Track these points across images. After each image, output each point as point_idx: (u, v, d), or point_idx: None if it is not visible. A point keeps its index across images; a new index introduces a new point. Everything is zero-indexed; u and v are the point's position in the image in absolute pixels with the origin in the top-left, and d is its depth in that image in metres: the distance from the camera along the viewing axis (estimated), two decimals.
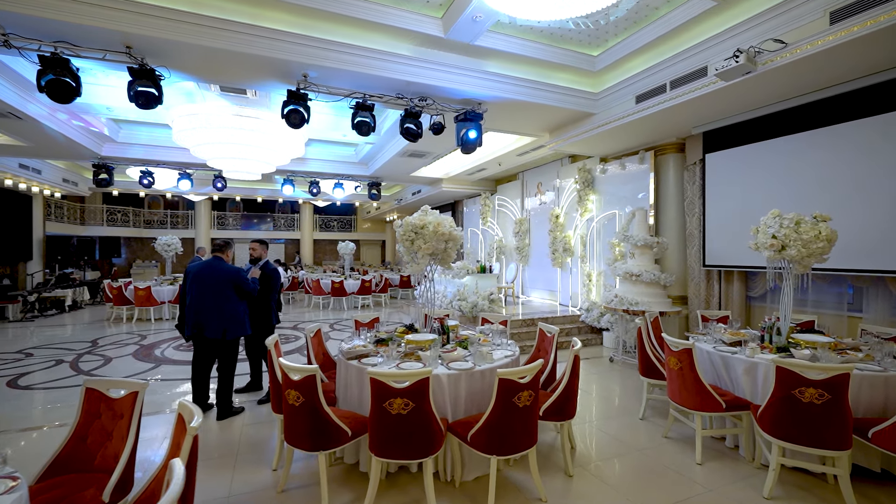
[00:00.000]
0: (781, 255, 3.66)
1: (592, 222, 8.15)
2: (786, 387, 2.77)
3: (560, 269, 9.30)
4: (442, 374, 2.97)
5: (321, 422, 2.68)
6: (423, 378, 2.54)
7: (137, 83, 4.42)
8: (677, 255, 6.75)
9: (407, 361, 3.20)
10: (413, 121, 5.62)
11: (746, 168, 5.58)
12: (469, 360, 3.22)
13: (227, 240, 4.45)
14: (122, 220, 18.88)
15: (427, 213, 3.69)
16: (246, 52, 4.51)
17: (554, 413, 3.16)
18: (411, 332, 3.86)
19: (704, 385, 3.29)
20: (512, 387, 2.60)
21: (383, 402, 2.54)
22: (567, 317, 8.00)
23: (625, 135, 6.59)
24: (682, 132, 6.35)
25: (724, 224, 5.85)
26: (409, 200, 15.25)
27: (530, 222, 10.67)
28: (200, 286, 4.14)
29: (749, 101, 5.09)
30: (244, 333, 4.33)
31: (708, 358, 3.74)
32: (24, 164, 10.30)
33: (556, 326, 4.05)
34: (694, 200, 6.40)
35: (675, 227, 6.79)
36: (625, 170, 7.47)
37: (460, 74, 5.45)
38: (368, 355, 3.33)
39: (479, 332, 4.19)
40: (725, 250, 5.79)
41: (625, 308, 5.91)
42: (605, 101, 6.13)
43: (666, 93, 5.19)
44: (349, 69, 4.94)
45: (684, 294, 6.68)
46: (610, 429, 4.00)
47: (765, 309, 5.64)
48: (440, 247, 3.60)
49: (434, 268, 3.86)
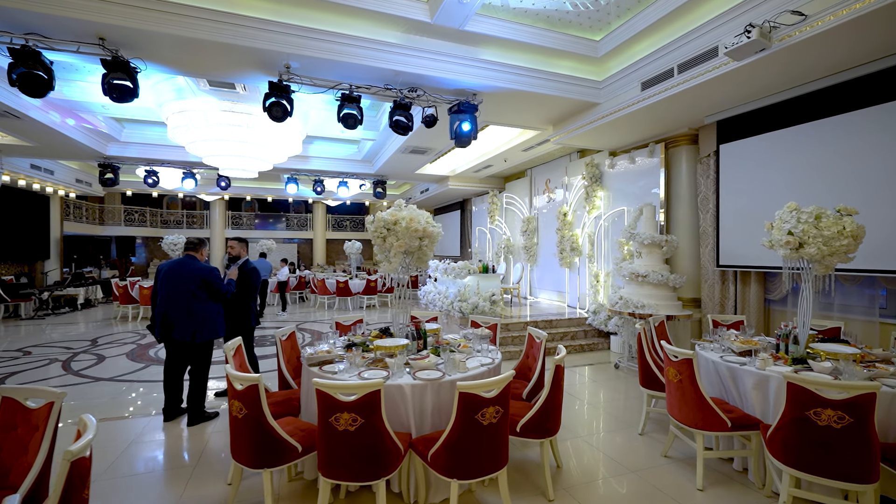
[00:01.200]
0: (799, 254, 3.23)
1: (600, 220, 7.73)
2: (799, 406, 2.37)
3: (568, 270, 8.89)
4: (405, 385, 2.68)
5: (265, 436, 2.43)
6: (373, 391, 2.26)
7: (111, 76, 4.29)
8: (690, 255, 6.28)
9: (372, 370, 2.93)
10: (403, 113, 5.35)
11: (764, 159, 5.10)
12: (441, 369, 2.93)
13: (200, 238, 4.27)
14: (139, 220, 19.27)
15: (401, 207, 3.41)
16: (224, 41, 4.32)
17: (533, 430, 2.83)
18: (386, 336, 3.58)
19: (707, 400, 2.91)
20: (475, 402, 2.29)
21: (329, 416, 2.27)
22: (573, 319, 7.60)
23: (632, 126, 6.17)
24: (694, 122, 5.89)
25: (739, 221, 5.37)
26: (417, 199, 15.01)
27: (538, 221, 10.27)
28: (170, 285, 3.96)
29: (766, 84, 4.62)
30: (216, 336, 4.13)
31: (714, 369, 3.34)
32: (36, 165, 10.49)
33: (545, 332, 3.71)
34: (708, 195, 5.92)
35: (687, 225, 6.32)
36: (634, 164, 7.03)
37: (452, 63, 5.15)
38: (333, 361, 3.07)
39: (462, 336, 3.88)
40: (741, 249, 5.31)
41: (630, 311, 5.49)
42: (609, 89, 5.73)
43: (673, 77, 4.77)
44: (333, 58, 4.70)
45: (697, 296, 6.21)
46: (604, 445, 3.64)
47: (785, 314, 5.14)
48: (414, 244, 3.31)
49: (408, 266, 3.57)
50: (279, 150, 7.73)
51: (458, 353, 3.30)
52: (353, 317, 4.63)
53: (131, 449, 3.52)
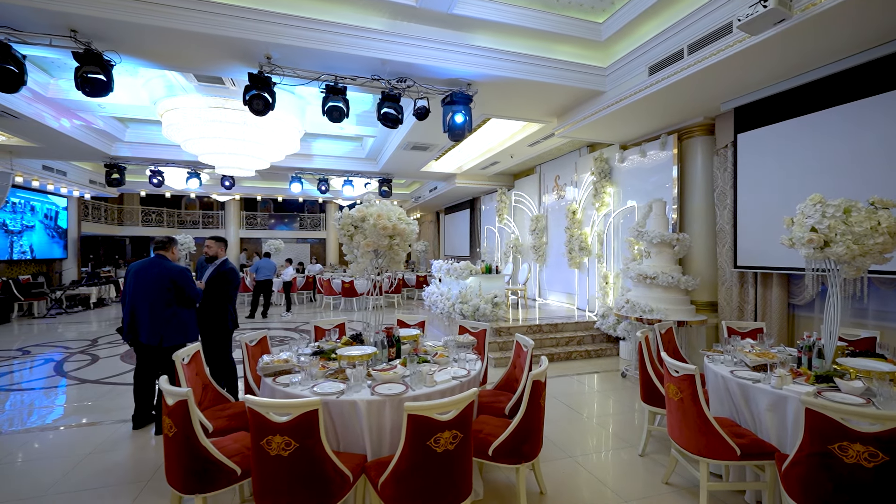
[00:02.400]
0: (824, 254, 2.78)
1: (610, 217, 7.27)
2: (820, 438, 1.96)
3: (577, 270, 8.46)
4: (360, 401, 2.38)
5: (197, 458, 2.16)
6: (308, 411, 1.97)
7: (84, 69, 4.13)
8: (705, 255, 5.78)
9: (330, 382, 2.64)
10: (392, 105, 5.06)
11: (787, 148, 4.59)
12: (407, 382, 2.62)
13: (170, 236, 4.07)
14: (156, 221, 19.63)
15: (371, 203, 3.11)
16: (198, 31, 4.11)
17: (507, 454, 2.49)
18: (356, 342, 3.30)
19: (711, 423, 2.51)
20: (427, 426, 1.97)
21: (261, 438, 1.99)
22: (580, 323, 7.16)
23: (642, 116, 5.72)
24: (709, 109, 5.40)
25: (758, 217, 4.87)
26: (426, 198, 14.75)
27: (548, 219, 9.84)
28: (138, 286, 3.78)
29: (787, 64, 4.14)
30: (187, 340, 3.93)
31: (723, 385, 2.93)
32: (48, 166, 10.67)
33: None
34: (725, 190, 5.43)
35: (703, 222, 5.82)
36: (645, 157, 6.55)
37: (442, 50, 4.83)
38: (290, 371, 2.80)
39: (443, 343, 3.56)
40: (761, 248, 4.81)
41: (637, 316, 5.06)
42: (615, 75, 5.30)
43: (683, 59, 4.33)
44: (314, 47, 4.44)
45: (714, 300, 5.71)
46: (599, 467, 3.26)
47: (812, 321, 4.62)
48: (383, 243, 3.01)
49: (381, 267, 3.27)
50: (276, 148, 7.56)
51: (432, 362, 2.99)
52: (336, 320, 4.37)
53: (90, 459, 3.33)
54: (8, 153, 9.06)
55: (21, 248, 12.06)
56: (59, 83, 6.53)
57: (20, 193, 11.85)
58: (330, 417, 2.44)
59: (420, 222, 22.71)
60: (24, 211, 12.14)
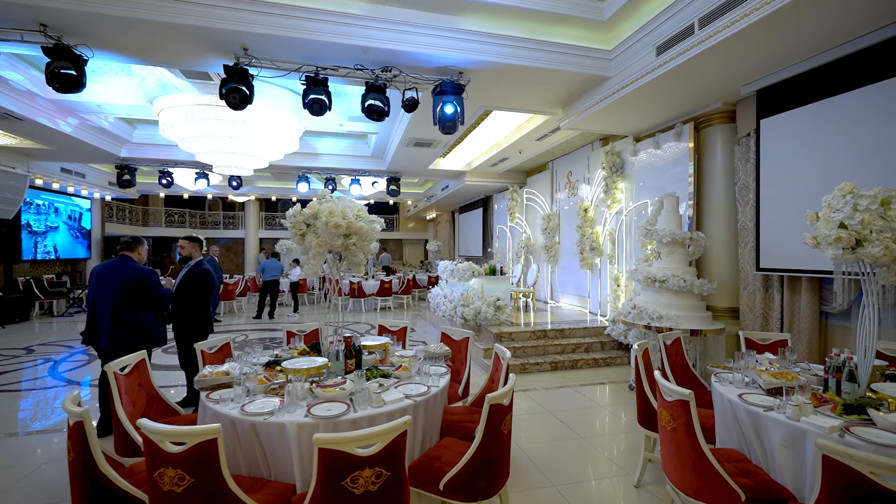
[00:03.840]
0: (857, 256, 2.29)
1: (622, 215, 6.75)
2: (842, 492, 1.52)
3: (589, 272, 7.94)
4: (290, 424, 2.08)
5: (95, 487, 1.90)
6: (205, 440, 1.67)
7: (55, 64, 4.01)
8: (726, 256, 5.21)
9: (268, 398, 2.35)
10: (377, 96, 4.75)
11: (817, 134, 4.02)
12: (352, 401, 2.30)
13: (135, 236, 3.89)
14: (178, 222, 20.12)
15: (325, 199, 2.81)
16: (170, 21, 3.92)
17: (459, 490, 2.12)
18: (314, 352, 3.00)
19: (709, 461, 2.07)
20: (342, 462, 1.64)
21: (154, 470, 1.71)
22: (589, 329, 6.68)
23: (653, 103, 5.21)
24: (729, 93, 4.84)
25: (784, 213, 4.30)
26: (439, 197, 14.43)
27: (560, 218, 9.34)
28: (99, 288, 3.61)
29: (817, 35, 3.59)
30: (150, 346, 3.74)
31: (731, 411, 2.47)
32: (66, 169, 10.93)
33: (509, 352, 2.97)
34: (748, 183, 4.86)
35: (723, 219, 5.26)
36: (659, 149, 6.02)
37: (429, 35, 4.49)
38: (229, 385, 2.52)
39: (413, 353, 3.22)
40: (787, 248, 4.24)
41: (645, 323, 4.57)
42: (620, 58, 4.83)
43: (694, 34, 3.83)
44: (291, 35, 4.19)
45: (735, 306, 5.14)
46: (584, 500, 2.84)
47: (848, 332, 4.02)
48: (336, 242, 2.70)
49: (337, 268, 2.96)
50: (275, 146, 7.39)
51: (393, 377, 2.66)
52: (311, 325, 4.11)
53: (41, 470, 3.17)
54: (25, 156, 9.31)
55: (45, 248, 12.46)
56: None
57: (44, 195, 12.25)
58: (258, 441, 2.15)
59: (436, 222, 22.43)
60: (48, 212, 12.54)
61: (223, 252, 22.09)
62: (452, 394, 3.47)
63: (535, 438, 3.74)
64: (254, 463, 2.18)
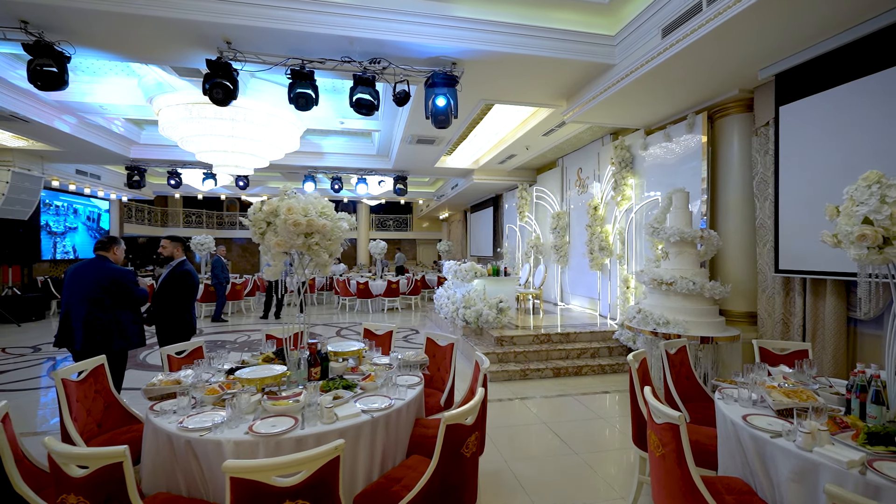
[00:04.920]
0: (884, 256, 1.95)
1: (631, 213, 6.38)
2: None
3: (599, 273, 7.58)
4: (227, 441, 1.88)
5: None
6: (109, 463, 1.48)
7: (37, 62, 3.96)
8: (743, 256, 4.81)
9: (217, 412, 2.17)
10: (366, 89, 4.57)
11: (844, 120, 3.60)
12: (304, 416, 2.09)
13: (112, 236, 3.80)
14: (196, 222, 20.49)
15: (287, 195, 2.61)
16: (148, 14, 3.80)
17: None
18: (278, 359, 2.81)
19: (700, 494, 1.77)
20: (259, 494, 1.42)
21: (57, 495, 1.53)
22: (596, 333, 6.33)
23: (663, 91, 4.85)
24: (745, 79, 4.45)
25: (805, 209, 3.90)
26: (449, 195, 14.20)
27: (570, 216, 8.98)
28: (74, 290, 3.51)
29: (843, 7, 3.20)
30: (130, 347, 3.64)
31: (734, 434, 2.15)
32: (82, 170, 11.16)
33: (488, 360, 2.71)
34: (767, 178, 4.46)
35: (740, 217, 4.85)
36: (671, 142, 5.63)
37: (418, 24, 4.26)
38: (175, 395, 2.35)
39: (388, 360, 2.99)
40: (808, 247, 3.84)
41: (651, 329, 4.23)
42: (625, 44, 4.50)
43: (702, 12, 3.49)
44: (273, 27, 4.03)
45: (753, 310, 4.73)
46: None
47: (879, 341, 3.60)
48: (296, 242, 2.50)
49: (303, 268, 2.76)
50: (275, 145, 7.30)
51: (359, 388, 2.44)
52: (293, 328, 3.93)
53: None
54: (39, 158, 9.51)
55: (64, 248, 12.80)
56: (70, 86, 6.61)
57: (63, 197, 12.58)
58: (196, 461, 1.96)
59: (449, 221, 22.20)
60: (67, 213, 12.88)
61: (239, 252, 22.43)
62: (434, 404, 3.24)
63: (526, 453, 3.47)
64: (192, 483, 1.99)
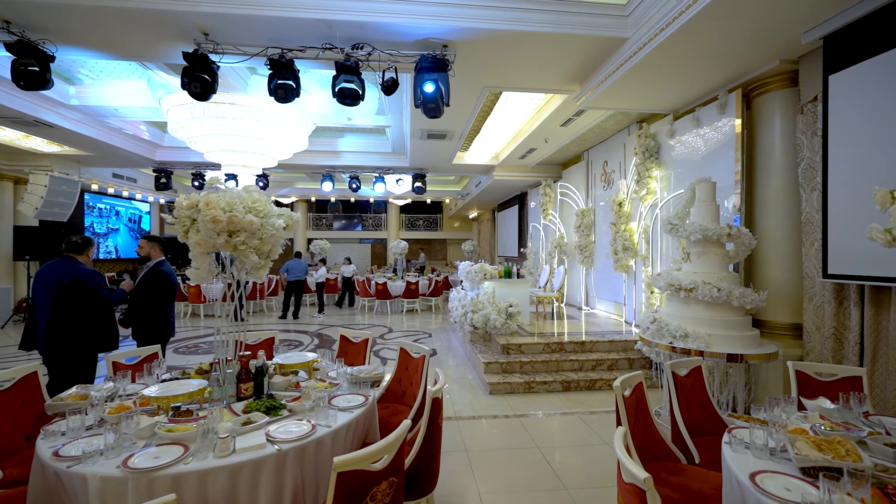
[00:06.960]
0: None
1: (657, 209, 5.69)
2: None
3: (625, 275, 6.89)
4: (92, 476, 1.59)
5: None
6: None
7: (20, 61, 3.95)
8: (786, 257, 4.07)
9: (111, 434, 1.89)
10: (349, 77, 4.24)
11: None
12: (196, 446, 1.77)
13: (84, 236, 3.68)
14: None
15: (214, 189, 2.31)
16: (118, 5, 3.68)
17: None
18: (201, 376, 2.52)
19: None
20: None
21: None
22: (616, 342, 5.70)
23: (687, 66, 4.21)
24: (787, 47, 3.73)
25: (859, 201, 3.16)
26: (474, 193, 13.75)
27: (595, 214, 8.30)
28: (38, 290, 3.42)
29: None
30: (99, 350, 3.53)
31: (738, 494, 1.62)
32: (118, 174, 11.69)
33: (443, 375, 2.28)
34: (815, 164, 3.72)
35: (781, 211, 4.11)
36: (700, 127, 4.93)
37: (401, 2, 3.89)
38: (78, 412, 2.10)
39: (336, 374, 2.64)
40: (865, 247, 3.10)
41: (668, 343, 3.62)
42: (637, 13, 3.90)
43: None
44: (248, 13, 3.79)
45: (798, 321, 3.98)
46: None
47: None
48: (217, 241, 2.19)
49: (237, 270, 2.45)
50: (282, 143, 7.19)
51: (288, 409, 2.10)
52: (266, 333, 3.71)
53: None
54: (76, 163, 9.99)
55: (107, 248, 13.53)
56: (87, 90, 6.81)
57: (105, 200, 13.29)
58: (66, 496, 1.69)
59: (479, 220, 21.71)
60: (109, 215, 13.62)
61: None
62: (398, 424, 2.84)
63: (506, 485, 3.00)
64: None
